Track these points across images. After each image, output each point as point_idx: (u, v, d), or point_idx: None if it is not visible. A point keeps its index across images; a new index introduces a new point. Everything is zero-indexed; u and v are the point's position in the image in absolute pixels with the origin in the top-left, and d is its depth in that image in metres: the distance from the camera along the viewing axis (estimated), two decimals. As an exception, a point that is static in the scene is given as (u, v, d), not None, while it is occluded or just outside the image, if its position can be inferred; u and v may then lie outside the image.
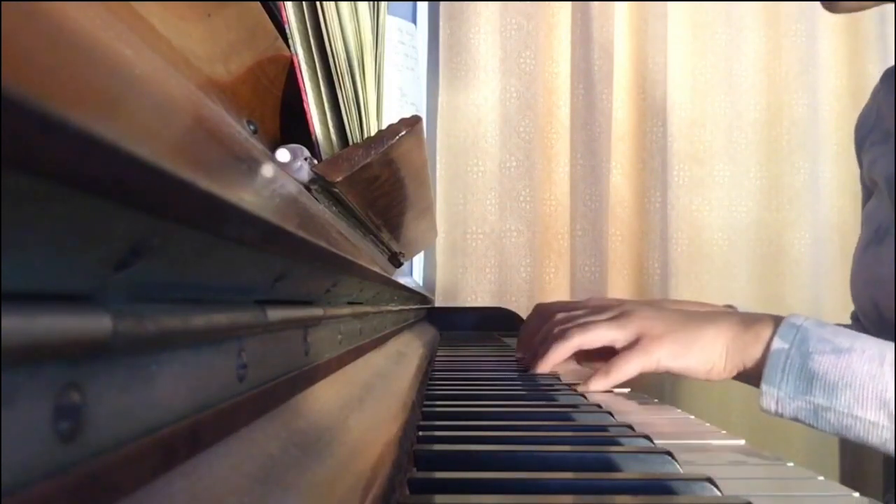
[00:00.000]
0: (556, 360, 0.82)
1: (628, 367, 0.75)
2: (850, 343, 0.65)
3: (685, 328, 0.73)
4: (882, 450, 0.64)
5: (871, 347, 0.64)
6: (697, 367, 0.72)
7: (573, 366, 0.92)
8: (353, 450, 0.33)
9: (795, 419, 0.66)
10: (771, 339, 0.68)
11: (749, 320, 0.72)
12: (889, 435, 0.62)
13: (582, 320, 0.81)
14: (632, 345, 0.75)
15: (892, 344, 0.65)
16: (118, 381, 0.17)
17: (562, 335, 0.81)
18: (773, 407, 0.66)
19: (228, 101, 0.45)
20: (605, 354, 0.80)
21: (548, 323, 0.87)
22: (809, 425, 0.66)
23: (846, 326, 1.04)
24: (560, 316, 0.85)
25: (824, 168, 1.92)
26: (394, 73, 1.11)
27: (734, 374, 0.71)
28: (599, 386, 0.77)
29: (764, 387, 0.66)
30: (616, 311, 0.80)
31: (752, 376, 0.70)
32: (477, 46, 1.78)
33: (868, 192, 0.97)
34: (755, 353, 0.69)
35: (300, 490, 0.25)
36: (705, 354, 0.71)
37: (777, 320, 0.69)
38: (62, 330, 0.14)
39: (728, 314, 0.75)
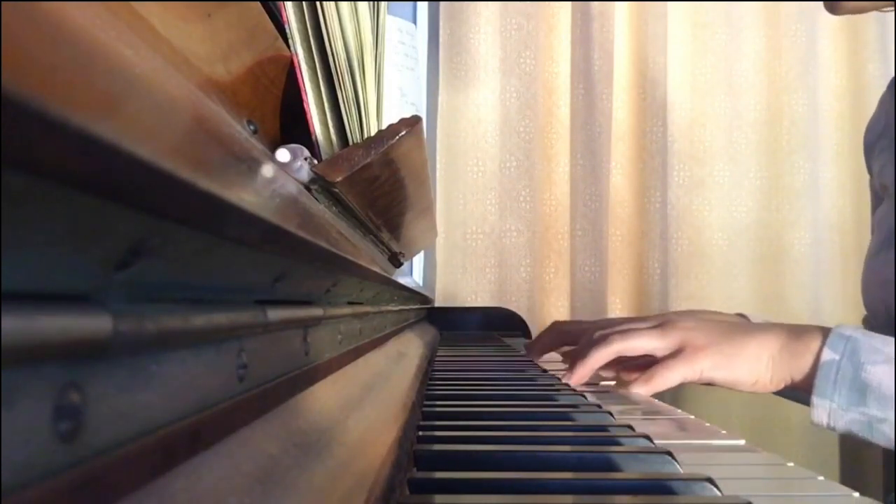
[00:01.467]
0: (595, 364, 0.79)
1: (671, 375, 0.73)
2: None
3: (729, 339, 0.71)
4: None
5: None
6: (743, 379, 0.70)
7: (609, 373, 0.89)
8: (353, 450, 0.33)
9: (848, 432, 0.64)
10: (820, 350, 0.66)
11: (795, 332, 0.70)
12: None
13: (622, 327, 0.79)
14: (674, 354, 0.73)
15: None
16: (118, 381, 0.17)
17: (602, 340, 0.79)
18: (825, 420, 0.64)
19: (228, 101, 0.45)
20: (640, 367, 0.78)
21: (584, 336, 0.84)
22: (863, 438, 0.64)
23: None
24: (597, 332, 0.83)
25: (824, 168, 1.92)
26: (394, 73, 1.11)
27: (780, 386, 0.70)
28: (640, 391, 0.76)
29: (816, 399, 0.64)
30: (657, 320, 0.78)
31: (800, 389, 0.68)
32: (477, 46, 1.78)
33: (878, 198, 0.97)
34: (804, 365, 0.67)
35: (300, 490, 0.25)
36: (750, 366, 0.70)
37: (825, 332, 0.67)
38: (62, 330, 0.14)
39: (772, 326, 0.73)
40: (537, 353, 1.09)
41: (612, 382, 0.86)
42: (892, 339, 0.66)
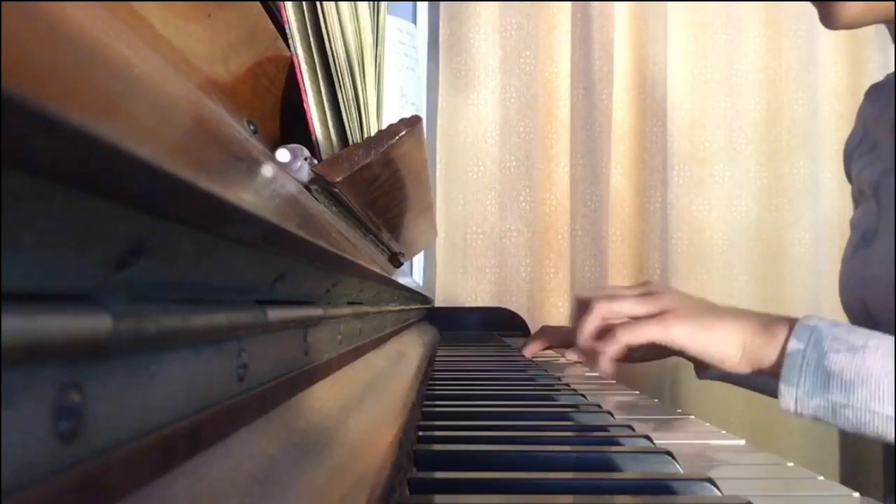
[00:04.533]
0: (585, 334, 0.80)
1: (643, 331, 0.75)
2: (864, 341, 0.66)
3: (706, 314, 0.75)
4: None
5: (885, 344, 0.66)
6: (712, 353, 0.73)
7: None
8: (353, 450, 0.33)
9: (815, 418, 0.67)
10: (787, 340, 0.69)
11: (767, 321, 0.73)
12: None
13: (607, 292, 0.82)
14: (653, 316, 0.76)
15: None
16: (118, 381, 0.17)
17: (587, 308, 0.81)
18: (791, 406, 0.67)
19: (228, 101, 0.45)
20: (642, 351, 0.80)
21: (589, 314, 0.85)
22: (829, 423, 0.67)
23: None
24: (601, 307, 0.83)
25: (824, 168, 1.92)
26: (394, 73, 1.11)
27: (748, 370, 0.72)
28: (609, 348, 0.76)
29: (782, 387, 0.67)
30: (642, 288, 0.81)
31: (767, 375, 0.71)
32: (477, 46, 1.78)
33: (857, 204, 0.99)
34: (771, 353, 0.70)
35: (300, 490, 0.25)
36: (721, 344, 0.73)
37: (792, 322, 0.71)
38: (62, 330, 0.14)
39: (748, 313, 0.76)
40: (528, 355, 1.11)
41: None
42: (857, 328, 0.69)
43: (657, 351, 0.78)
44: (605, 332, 0.80)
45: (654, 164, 1.88)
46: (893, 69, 0.95)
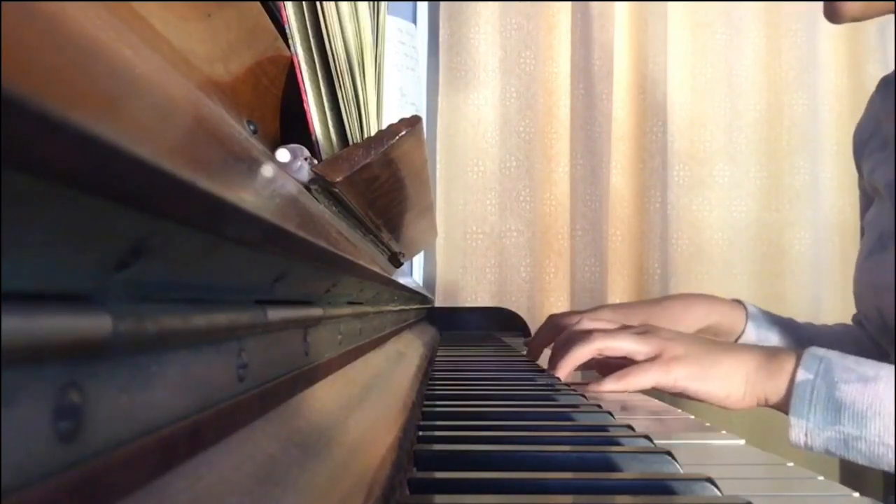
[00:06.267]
0: (578, 359, 0.81)
1: (644, 377, 0.75)
2: (875, 371, 0.64)
3: (706, 353, 0.73)
4: None
5: None
6: (715, 393, 0.72)
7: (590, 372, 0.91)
8: (353, 450, 0.33)
9: (826, 451, 0.65)
10: (794, 370, 0.67)
11: (771, 353, 0.71)
12: None
13: (605, 327, 0.81)
14: (652, 359, 0.75)
15: None
16: (118, 381, 0.17)
17: (585, 337, 0.81)
18: (802, 439, 0.66)
19: (228, 101, 0.45)
20: (615, 368, 0.80)
21: (569, 328, 0.86)
22: (841, 456, 0.65)
23: (847, 328, 1.05)
24: (584, 322, 0.85)
25: (824, 168, 1.92)
26: (394, 73, 1.11)
27: (752, 404, 0.71)
28: (610, 388, 0.77)
29: (792, 419, 0.66)
30: (640, 327, 0.80)
31: (775, 408, 0.70)
32: (477, 46, 1.78)
33: (868, 199, 0.98)
34: (779, 385, 0.68)
35: (300, 490, 0.25)
36: (723, 381, 0.71)
37: (798, 353, 0.69)
38: (62, 330, 0.14)
39: (748, 346, 0.75)
40: (538, 350, 1.10)
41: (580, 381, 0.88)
42: (865, 360, 0.67)
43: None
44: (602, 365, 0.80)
45: (654, 164, 1.88)
46: (894, 68, 0.94)
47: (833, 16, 0.86)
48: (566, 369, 0.82)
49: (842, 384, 0.64)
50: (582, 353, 0.81)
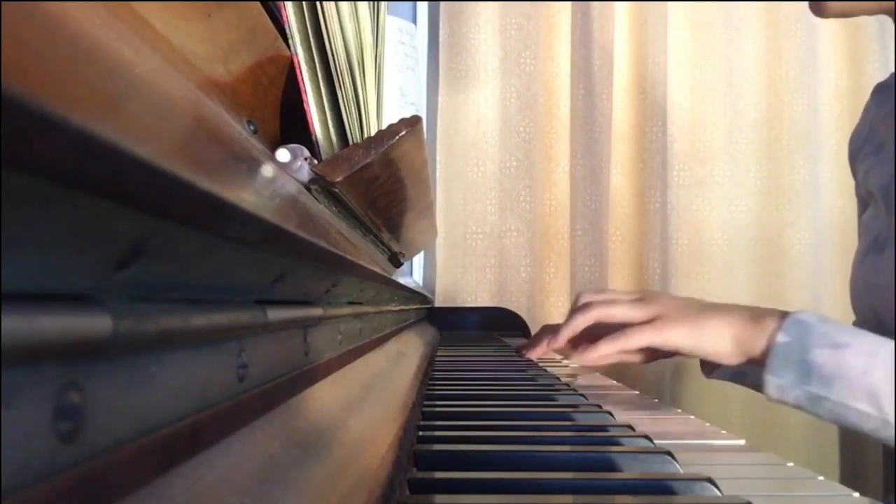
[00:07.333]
0: (577, 327, 0.84)
1: (638, 338, 0.79)
2: (848, 339, 0.70)
3: (699, 313, 0.79)
4: (874, 437, 0.69)
5: (867, 343, 0.70)
6: (706, 349, 0.77)
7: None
8: (353, 450, 0.32)
9: (797, 406, 0.71)
10: (775, 332, 0.72)
11: (757, 314, 0.77)
12: (878, 424, 0.67)
13: (604, 296, 0.84)
14: (646, 322, 0.79)
15: (889, 340, 0.70)
16: (118, 381, 0.17)
17: (583, 306, 0.84)
18: (775, 394, 0.71)
19: (228, 101, 0.45)
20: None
21: (584, 313, 0.88)
22: (808, 412, 0.71)
23: None
24: (584, 296, 0.87)
25: (824, 168, 1.92)
26: (394, 73, 1.11)
27: (741, 360, 0.76)
28: (605, 350, 0.79)
29: (767, 376, 0.71)
30: (636, 294, 0.84)
31: (756, 364, 0.74)
32: (477, 46, 1.78)
33: (864, 203, 0.99)
34: (760, 344, 0.74)
35: (300, 490, 0.25)
36: (713, 340, 0.77)
37: (783, 315, 0.74)
38: (62, 330, 0.14)
39: (738, 307, 0.81)
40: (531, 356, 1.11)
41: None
42: (846, 326, 0.73)
43: (656, 353, 0.80)
44: (597, 333, 0.82)
45: (654, 164, 1.88)
46: (894, 68, 0.95)
47: (817, 10, 0.89)
48: (565, 335, 0.85)
49: (815, 348, 0.70)
50: (581, 321, 0.84)
